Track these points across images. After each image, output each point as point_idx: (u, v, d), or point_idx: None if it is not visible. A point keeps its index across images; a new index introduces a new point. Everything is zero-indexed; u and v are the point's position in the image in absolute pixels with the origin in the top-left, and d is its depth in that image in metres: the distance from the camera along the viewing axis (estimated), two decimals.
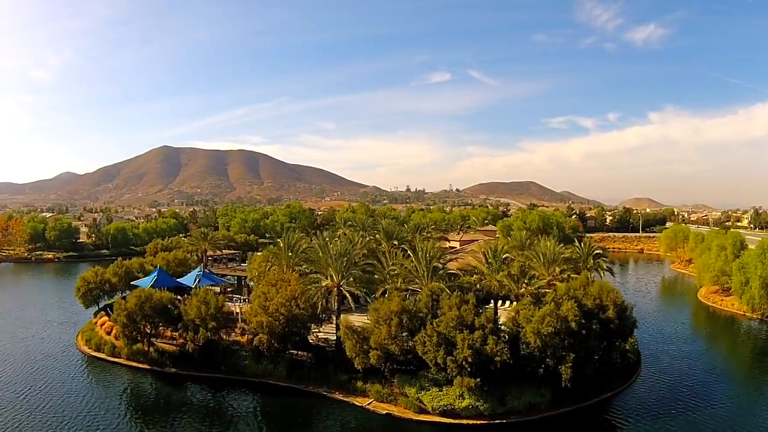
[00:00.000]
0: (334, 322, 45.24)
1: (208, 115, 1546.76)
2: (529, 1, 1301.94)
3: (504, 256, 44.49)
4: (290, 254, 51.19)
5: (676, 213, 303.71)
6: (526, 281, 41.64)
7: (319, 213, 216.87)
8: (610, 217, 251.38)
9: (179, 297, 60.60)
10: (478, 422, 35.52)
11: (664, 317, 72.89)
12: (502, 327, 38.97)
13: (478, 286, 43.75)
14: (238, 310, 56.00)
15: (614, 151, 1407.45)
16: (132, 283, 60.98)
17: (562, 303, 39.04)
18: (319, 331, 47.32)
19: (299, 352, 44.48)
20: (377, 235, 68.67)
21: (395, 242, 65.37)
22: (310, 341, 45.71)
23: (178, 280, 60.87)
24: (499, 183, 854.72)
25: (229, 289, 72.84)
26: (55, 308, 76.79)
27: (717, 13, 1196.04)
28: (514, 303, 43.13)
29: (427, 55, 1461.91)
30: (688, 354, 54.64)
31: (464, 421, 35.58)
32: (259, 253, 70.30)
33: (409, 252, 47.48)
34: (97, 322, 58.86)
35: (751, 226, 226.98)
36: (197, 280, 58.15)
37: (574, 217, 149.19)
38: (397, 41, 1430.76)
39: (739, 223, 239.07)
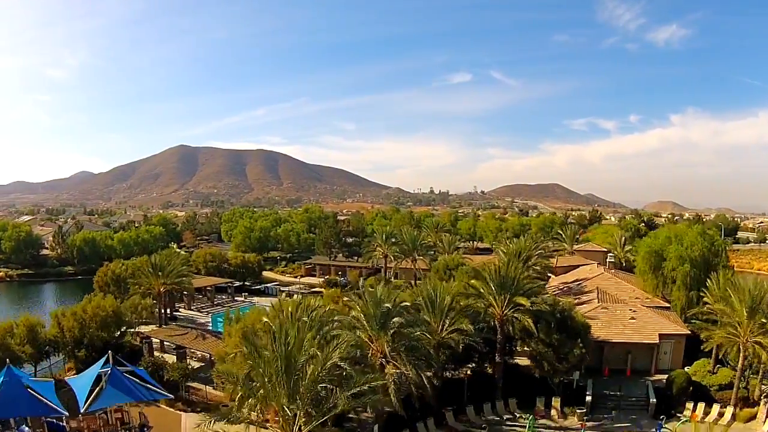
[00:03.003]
0: None
1: (227, 115, 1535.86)
2: (550, 1, 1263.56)
3: None
4: (293, 381, 16.93)
5: (731, 220, 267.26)
6: None
7: (343, 217, 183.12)
8: (677, 224, 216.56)
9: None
10: None
11: None
12: None
13: None
14: None
15: (635, 153, 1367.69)
16: None
17: None
18: None
19: None
20: (473, 281, 35.02)
21: (522, 302, 31.78)
22: None
23: (68, 379, 28.90)
24: (524, 185, 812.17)
25: (197, 367, 40.77)
26: None
27: (737, 14, 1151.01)
28: None
29: (448, 55, 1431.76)
30: None
31: None
32: (234, 307, 37.16)
33: None
34: None
35: None
36: (97, 390, 25.91)
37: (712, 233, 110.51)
38: (417, 41, 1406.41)
39: None
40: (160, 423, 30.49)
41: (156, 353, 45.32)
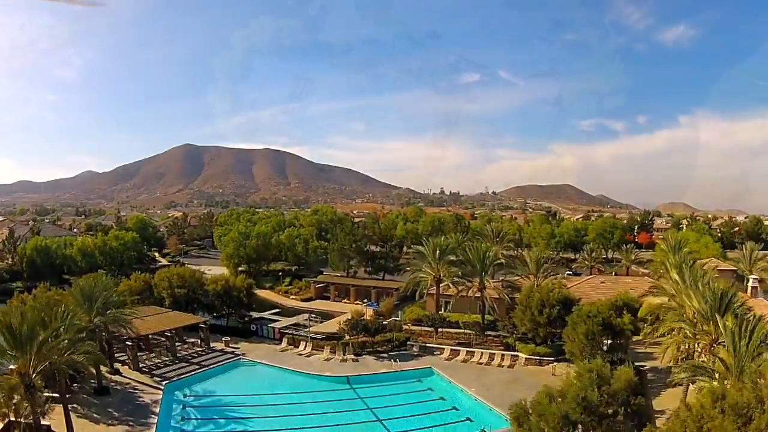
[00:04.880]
0: None
1: (234, 115, 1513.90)
2: (558, 1, 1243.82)
3: None
4: None
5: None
6: None
7: (356, 219, 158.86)
8: (736, 228, 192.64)
9: None
10: None
11: None
12: None
13: None
14: None
15: (643, 154, 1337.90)
16: None
17: None
18: None
19: None
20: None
21: None
22: None
23: None
24: (536, 186, 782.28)
25: None
26: None
27: (746, 14, 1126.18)
28: None
29: (456, 55, 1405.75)
30: None
31: None
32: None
33: None
34: None
35: None
36: None
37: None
38: (425, 42, 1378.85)
39: None
40: None
41: None
